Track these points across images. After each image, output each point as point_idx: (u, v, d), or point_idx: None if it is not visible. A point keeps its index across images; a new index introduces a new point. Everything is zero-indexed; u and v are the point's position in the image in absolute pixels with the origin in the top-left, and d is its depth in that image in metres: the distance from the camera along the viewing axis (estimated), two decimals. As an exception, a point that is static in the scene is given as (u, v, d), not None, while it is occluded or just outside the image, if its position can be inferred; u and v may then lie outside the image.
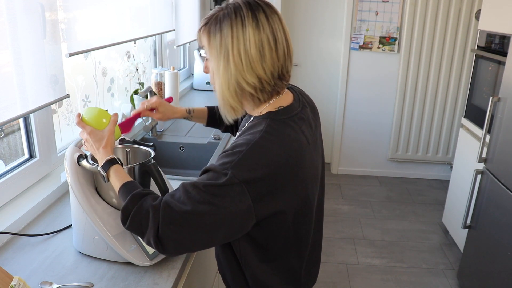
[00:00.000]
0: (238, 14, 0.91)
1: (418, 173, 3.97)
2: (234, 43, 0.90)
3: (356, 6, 3.54)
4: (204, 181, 0.88)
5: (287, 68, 0.97)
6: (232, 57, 0.91)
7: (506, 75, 2.06)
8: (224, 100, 0.96)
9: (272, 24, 0.92)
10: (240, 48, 0.90)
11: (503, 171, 2.03)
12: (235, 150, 0.89)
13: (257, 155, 0.88)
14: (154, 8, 2.29)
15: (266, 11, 0.93)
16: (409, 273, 2.62)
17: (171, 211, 0.87)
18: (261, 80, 0.93)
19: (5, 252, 1.13)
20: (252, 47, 0.90)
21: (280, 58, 0.93)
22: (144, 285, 1.02)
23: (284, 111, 0.97)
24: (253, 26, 0.90)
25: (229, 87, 0.94)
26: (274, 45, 0.92)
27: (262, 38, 0.91)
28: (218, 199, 0.85)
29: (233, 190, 0.85)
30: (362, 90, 3.78)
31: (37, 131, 1.43)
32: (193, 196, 0.87)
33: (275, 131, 0.92)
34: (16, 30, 1.15)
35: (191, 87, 3.13)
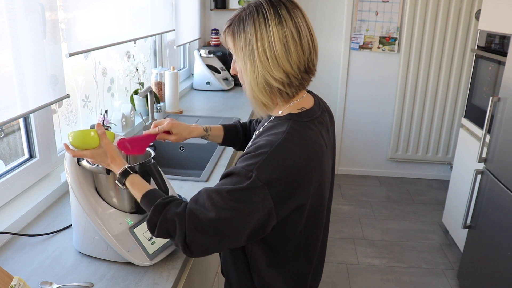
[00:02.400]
0: (260, 11, 0.92)
1: (418, 173, 3.97)
2: (259, 40, 0.91)
3: (356, 6, 3.55)
4: (227, 187, 0.88)
5: (313, 62, 0.98)
6: (258, 55, 0.92)
7: (506, 75, 2.06)
8: (255, 98, 0.97)
9: (294, 18, 0.93)
10: (264, 45, 0.91)
11: (503, 171, 2.03)
12: (258, 152, 0.89)
13: (280, 157, 0.89)
14: (154, 8, 2.29)
15: (287, 6, 0.94)
16: (409, 273, 2.62)
17: (196, 218, 0.89)
18: (288, 75, 0.94)
19: (5, 252, 1.13)
20: (277, 43, 0.91)
21: (305, 52, 0.94)
22: (144, 285, 1.02)
23: (306, 114, 0.99)
24: (276, 21, 0.91)
25: (257, 85, 0.95)
26: (299, 39, 0.92)
27: (285, 32, 0.91)
28: (242, 204, 0.86)
29: (257, 193, 0.86)
30: (362, 90, 3.78)
31: (37, 131, 1.43)
32: (217, 203, 0.88)
33: (298, 133, 0.93)
34: (16, 30, 1.15)
35: (191, 87, 3.13)
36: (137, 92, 2.19)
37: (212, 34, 3.42)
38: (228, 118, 2.36)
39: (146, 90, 1.94)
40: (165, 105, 2.45)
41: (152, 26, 2.27)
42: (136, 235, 1.08)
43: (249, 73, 0.95)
